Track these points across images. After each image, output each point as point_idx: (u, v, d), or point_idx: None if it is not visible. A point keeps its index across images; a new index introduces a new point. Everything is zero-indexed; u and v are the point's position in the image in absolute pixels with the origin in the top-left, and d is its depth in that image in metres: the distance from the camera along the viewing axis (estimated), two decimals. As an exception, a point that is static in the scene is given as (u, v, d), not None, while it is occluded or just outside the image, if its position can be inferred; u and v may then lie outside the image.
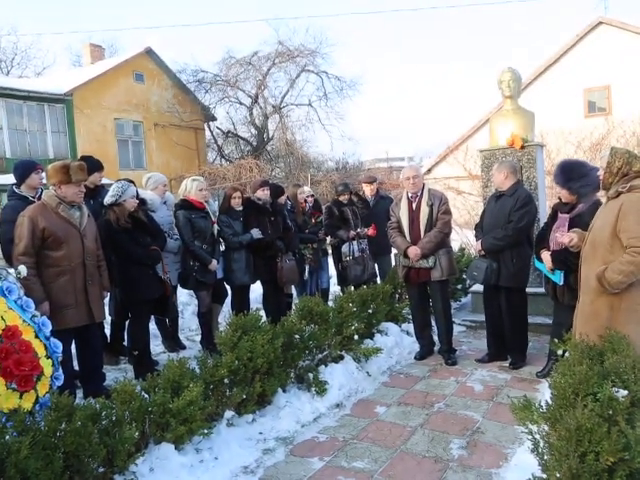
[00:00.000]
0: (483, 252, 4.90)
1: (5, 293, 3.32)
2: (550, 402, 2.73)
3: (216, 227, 5.47)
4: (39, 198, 4.30)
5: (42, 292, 3.77)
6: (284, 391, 4.05)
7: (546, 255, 4.22)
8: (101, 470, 2.76)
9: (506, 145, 6.28)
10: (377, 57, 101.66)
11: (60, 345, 3.51)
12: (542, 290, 5.04)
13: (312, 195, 7.11)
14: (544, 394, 3.81)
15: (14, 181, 4.64)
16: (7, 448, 2.25)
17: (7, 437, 2.35)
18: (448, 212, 5.12)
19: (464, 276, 7.22)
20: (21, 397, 3.12)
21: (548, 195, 7.19)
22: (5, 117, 16.10)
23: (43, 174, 4.63)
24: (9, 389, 3.08)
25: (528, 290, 5.06)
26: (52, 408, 2.76)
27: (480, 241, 4.93)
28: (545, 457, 2.42)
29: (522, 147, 6.20)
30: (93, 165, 5.04)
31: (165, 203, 5.54)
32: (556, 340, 3.71)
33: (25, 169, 4.61)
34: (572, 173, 4.18)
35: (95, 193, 5.11)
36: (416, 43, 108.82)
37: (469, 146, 13.70)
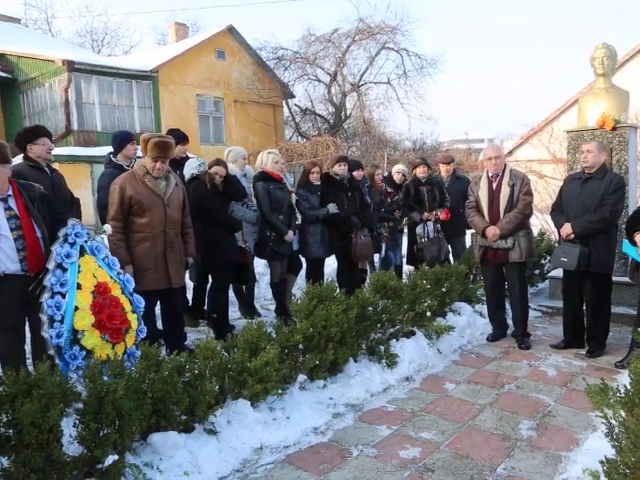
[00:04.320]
0: (572, 236, 4.66)
1: (94, 251, 3.58)
2: (629, 388, 2.66)
3: (294, 197, 5.61)
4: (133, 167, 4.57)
5: (127, 256, 4.03)
6: (355, 361, 4.15)
7: None
8: (184, 417, 2.99)
9: (596, 126, 5.97)
10: (460, 35, 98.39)
11: (142, 301, 3.76)
12: (626, 279, 4.82)
13: (404, 174, 7.07)
14: (622, 383, 3.69)
15: (105, 153, 4.97)
16: (105, 388, 2.49)
17: (105, 378, 2.59)
18: (530, 193, 4.97)
19: (542, 261, 7.02)
20: (113, 348, 3.41)
21: (639, 182, 6.75)
22: (97, 93, 16.98)
23: (138, 146, 4.92)
24: (103, 340, 3.37)
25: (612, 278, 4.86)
26: (142, 357, 3.00)
27: (570, 225, 4.66)
28: (621, 442, 2.38)
29: (613, 128, 5.87)
30: (178, 138, 5.27)
31: (245, 175, 5.74)
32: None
33: (122, 139, 4.91)
34: None
35: (181, 165, 5.35)
36: (502, 23, 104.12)
37: (554, 128, 13.06)
